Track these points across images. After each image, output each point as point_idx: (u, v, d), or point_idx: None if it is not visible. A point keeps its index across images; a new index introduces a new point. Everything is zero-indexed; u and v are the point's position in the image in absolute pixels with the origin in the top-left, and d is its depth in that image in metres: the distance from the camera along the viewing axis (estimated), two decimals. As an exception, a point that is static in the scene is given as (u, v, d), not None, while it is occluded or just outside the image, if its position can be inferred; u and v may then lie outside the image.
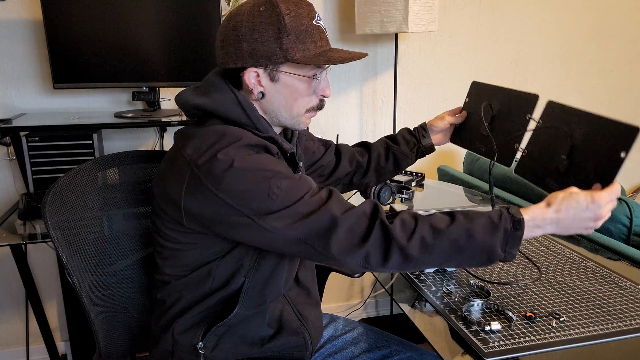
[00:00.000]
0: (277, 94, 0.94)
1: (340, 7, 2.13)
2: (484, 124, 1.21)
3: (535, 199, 1.67)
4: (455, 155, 2.46)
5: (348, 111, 2.26)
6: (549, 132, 1.04)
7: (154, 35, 1.77)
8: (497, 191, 1.81)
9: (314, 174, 1.27)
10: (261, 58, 0.90)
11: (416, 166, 2.41)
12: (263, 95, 0.94)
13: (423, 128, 1.30)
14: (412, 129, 1.32)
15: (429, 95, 2.35)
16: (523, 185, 1.73)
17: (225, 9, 1.96)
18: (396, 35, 2.01)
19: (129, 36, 1.74)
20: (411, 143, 1.30)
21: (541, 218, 0.88)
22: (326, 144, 1.30)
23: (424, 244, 0.86)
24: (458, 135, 1.32)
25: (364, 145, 1.34)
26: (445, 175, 2.13)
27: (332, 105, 2.24)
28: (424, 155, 1.32)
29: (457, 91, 2.38)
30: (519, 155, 1.11)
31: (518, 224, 0.86)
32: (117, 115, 1.82)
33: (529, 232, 0.88)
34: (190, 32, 1.79)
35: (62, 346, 2.14)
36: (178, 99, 0.99)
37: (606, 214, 0.90)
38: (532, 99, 1.10)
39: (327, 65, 0.95)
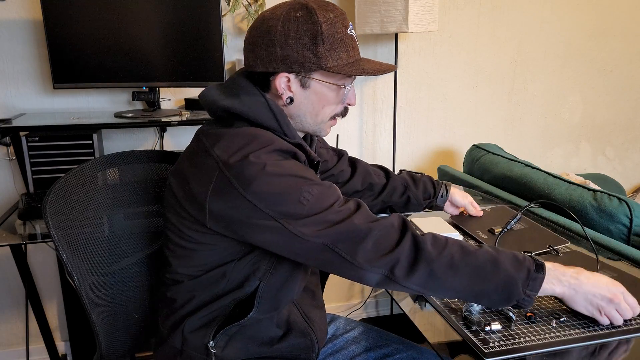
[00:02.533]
0: (305, 101, 0.94)
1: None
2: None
3: (535, 199, 1.67)
4: (455, 155, 2.46)
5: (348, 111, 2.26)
6: None
7: (154, 35, 1.77)
8: (496, 191, 1.81)
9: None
10: (294, 64, 0.89)
11: (416, 166, 2.42)
12: (292, 100, 0.93)
13: (446, 188, 1.36)
14: (435, 182, 1.36)
15: (429, 95, 2.35)
16: (523, 185, 1.73)
17: (225, 9, 1.95)
18: (396, 35, 2.01)
19: (129, 36, 1.74)
20: (427, 194, 1.34)
21: (562, 272, 0.89)
22: (339, 153, 1.30)
23: (453, 262, 0.85)
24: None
25: (384, 171, 1.35)
26: (445, 175, 2.13)
27: (332, 105, 2.24)
28: (431, 209, 1.37)
29: (457, 91, 2.38)
30: None
31: (540, 268, 0.87)
32: (117, 115, 1.82)
33: (547, 282, 0.87)
34: (190, 32, 1.79)
35: (62, 346, 2.14)
36: (203, 98, 0.97)
37: (621, 301, 0.88)
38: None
39: (367, 75, 0.95)
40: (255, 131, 0.90)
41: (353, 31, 0.94)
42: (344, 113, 1.00)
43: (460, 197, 1.38)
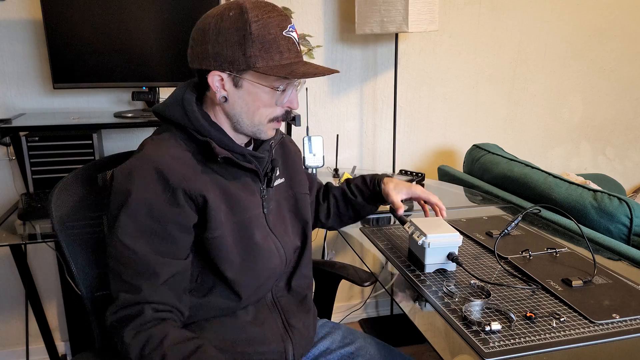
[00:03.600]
0: (239, 100, 0.93)
1: (340, 7, 2.13)
2: None
3: (536, 199, 1.67)
4: (455, 155, 2.46)
5: (348, 111, 2.26)
6: None
7: (154, 35, 1.77)
8: (497, 191, 1.81)
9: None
10: (224, 62, 0.89)
11: (416, 166, 2.42)
12: (226, 99, 0.93)
13: (379, 184, 1.25)
14: (368, 182, 1.27)
15: (429, 95, 2.35)
16: (523, 185, 1.73)
17: (225, 9, 1.95)
18: (396, 35, 2.01)
19: (129, 36, 1.74)
20: (365, 193, 1.27)
21: None
22: (310, 176, 1.26)
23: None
24: None
25: (325, 187, 1.32)
26: (445, 175, 2.13)
27: (332, 105, 2.24)
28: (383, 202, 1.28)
29: (457, 91, 2.38)
30: None
31: None
32: (117, 115, 1.82)
33: None
34: (190, 32, 1.79)
35: (62, 346, 2.14)
36: None
37: None
38: None
39: (295, 79, 0.93)
40: (145, 145, 0.93)
41: (292, 34, 0.92)
42: (284, 117, 0.98)
43: (393, 192, 1.22)
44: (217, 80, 0.91)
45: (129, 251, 0.87)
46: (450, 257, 1.13)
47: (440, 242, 1.12)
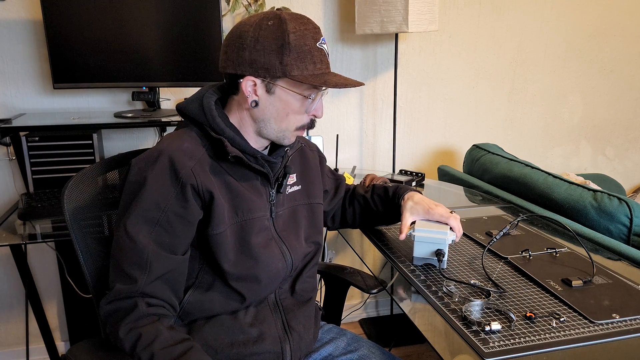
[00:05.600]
0: (270, 106, 0.97)
1: (340, 7, 2.13)
2: None
3: (536, 199, 1.67)
4: (455, 155, 2.46)
5: (348, 111, 2.26)
6: None
7: (154, 35, 1.77)
8: (497, 191, 1.81)
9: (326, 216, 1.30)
10: (260, 69, 0.93)
11: (416, 166, 2.42)
12: (256, 104, 0.96)
13: (401, 198, 1.24)
14: (390, 195, 1.27)
15: (429, 95, 2.35)
16: (523, 185, 1.73)
17: (225, 8, 1.95)
18: (396, 35, 2.01)
19: (129, 36, 1.74)
20: (387, 206, 1.28)
21: None
22: (336, 180, 1.30)
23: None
24: None
25: (352, 192, 1.34)
26: (445, 175, 2.13)
27: (332, 105, 2.24)
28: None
29: (457, 91, 2.38)
30: None
31: None
32: (117, 115, 1.82)
33: None
34: (190, 32, 1.79)
35: (62, 346, 2.14)
36: None
37: None
38: None
39: (323, 87, 0.97)
40: (167, 138, 0.96)
41: (324, 46, 0.97)
42: (310, 125, 1.02)
43: (407, 213, 1.20)
44: (250, 85, 0.95)
45: (130, 240, 0.89)
46: (437, 253, 1.14)
47: (427, 236, 1.14)
